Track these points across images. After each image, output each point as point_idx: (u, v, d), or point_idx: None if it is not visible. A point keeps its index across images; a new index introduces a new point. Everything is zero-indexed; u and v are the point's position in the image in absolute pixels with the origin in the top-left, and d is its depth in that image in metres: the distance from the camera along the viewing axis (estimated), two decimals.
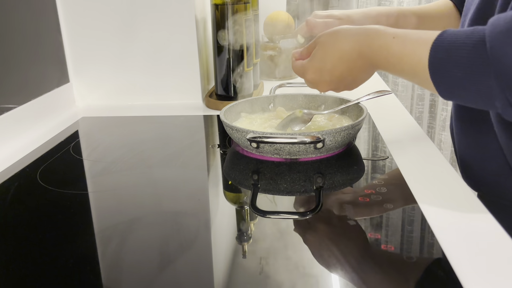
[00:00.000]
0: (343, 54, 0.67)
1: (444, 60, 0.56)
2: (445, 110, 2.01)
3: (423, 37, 0.58)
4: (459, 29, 0.56)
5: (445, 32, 0.57)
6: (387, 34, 0.63)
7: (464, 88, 0.55)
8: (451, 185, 0.65)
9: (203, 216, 0.61)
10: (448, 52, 0.55)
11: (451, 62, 0.55)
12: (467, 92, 0.55)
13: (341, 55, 0.67)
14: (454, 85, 0.56)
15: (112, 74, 1.10)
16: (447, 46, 0.55)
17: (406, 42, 0.60)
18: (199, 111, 1.05)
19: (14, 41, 0.88)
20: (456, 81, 0.55)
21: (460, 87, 0.56)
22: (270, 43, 1.31)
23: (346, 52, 0.67)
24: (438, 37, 0.57)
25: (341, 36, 0.68)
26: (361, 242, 0.53)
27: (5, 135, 0.84)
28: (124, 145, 0.87)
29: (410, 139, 0.83)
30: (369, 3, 2.02)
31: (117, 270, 0.50)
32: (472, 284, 0.45)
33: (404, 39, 0.61)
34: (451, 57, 0.55)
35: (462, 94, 0.57)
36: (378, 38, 0.64)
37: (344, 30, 0.68)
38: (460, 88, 0.56)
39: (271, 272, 0.48)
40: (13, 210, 0.63)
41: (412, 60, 0.59)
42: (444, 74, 0.56)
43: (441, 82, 0.57)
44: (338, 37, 0.68)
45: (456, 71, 0.55)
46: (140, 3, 1.04)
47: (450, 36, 0.56)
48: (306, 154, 0.72)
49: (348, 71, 0.68)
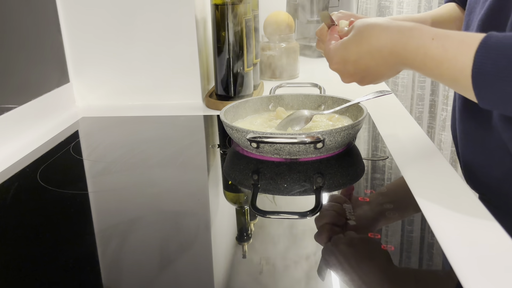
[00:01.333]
0: (372, 48, 0.63)
1: (491, 74, 0.51)
2: (445, 110, 2.01)
3: (466, 41, 0.54)
4: (504, 35, 0.52)
5: (489, 38, 0.52)
6: (425, 34, 0.58)
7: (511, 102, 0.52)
8: (451, 185, 0.65)
9: (203, 216, 0.61)
10: (495, 65, 0.51)
11: (500, 76, 0.51)
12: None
13: (370, 49, 0.63)
14: (501, 100, 0.53)
15: (112, 74, 1.10)
16: (494, 56, 0.51)
17: (447, 46, 0.55)
18: (199, 111, 1.05)
19: (14, 41, 0.88)
20: (504, 97, 0.52)
21: (507, 103, 0.52)
22: (270, 43, 1.31)
23: (376, 47, 0.63)
24: (482, 43, 0.52)
25: (377, 30, 0.63)
26: (361, 242, 0.53)
27: (5, 135, 0.84)
28: (124, 145, 0.87)
29: (410, 139, 0.83)
30: (369, 3, 2.02)
31: (117, 270, 0.50)
32: (472, 283, 0.45)
33: (445, 42, 0.56)
34: (500, 71, 0.51)
35: (508, 108, 0.54)
36: (415, 38, 0.59)
37: (380, 25, 0.63)
38: (506, 102, 0.53)
39: (271, 272, 0.48)
40: (13, 210, 0.63)
41: (454, 67, 0.55)
42: (491, 89, 0.52)
43: (485, 96, 0.54)
44: (373, 30, 0.64)
45: (505, 87, 0.51)
46: (140, 3, 1.04)
47: (496, 44, 0.51)
48: (306, 154, 0.72)
49: (376, 67, 0.64)
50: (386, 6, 2.00)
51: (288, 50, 1.30)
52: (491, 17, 0.65)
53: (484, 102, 0.55)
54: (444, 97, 2.00)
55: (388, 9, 2.00)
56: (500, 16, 0.63)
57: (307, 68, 1.42)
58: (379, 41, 0.62)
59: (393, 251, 0.50)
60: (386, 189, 0.66)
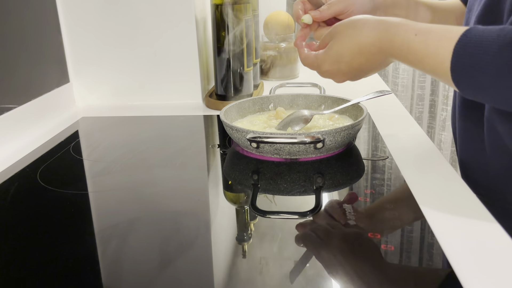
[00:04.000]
0: (362, 48, 0.65)
1: (467, 66, 0.53)
2: (445, 110, 2.01)
3: (447, 36, 0.55)
4: (484, 28, 0.53)
5: (470, 32, 0.53)
6: (409, 30, 0.60)
7: (490, 94, 0.54)
8: (451, 185, 0.65)
9: (203, 216, 0.61)
10: (471, 56, 0.52)
11: (475, 68, 0.52)
12: (492, 98, 0.54)
13: (361, 48, 0.65)
14: (479, 91, 0.54)
15: (112, 74, 1.10)
16: (472, 50, 0.52)
17: (428, 41, 0.57)
18: (199, 111, 1.05)
19: (14, 41, 0.88)
20: (481, 87, 0.53)
21: (486, 94, 0.54)
22: (270, 43, 1.31)
23: (366, 46, 0.64)
24: (461, 37, 0.54)
25: (360, 28, 0.65)
26: (361, 242, 0.53)
27: (5, 135, 0.84)
28: (124, 145, 0.87)
29: (410, 139, 0.83)
30: None
31: (117, 270, 0.50)
32: (472, 283, 0.45)
33: (427, 37, 0.57)
34: (475, 63, 0.52)
35: (487, 99, 0.56)
36: (399, 34, 0.61)
37: (362, 21, 0.65)
38: (486, 94, 0.54)
39: (271, 272, 0.48)
40: (13, 210, 0.63)
41: (434, 61, 0.56)
42: (468, 80, 0.54)
43: (464, 87, 0.55)
44: (357, 29, 0.65)
45: (481, 78, 0.52)
46: (140, 3, 1.04)
47: (475, 37, 0.53)
48: (306, 154, 0.72)
49: (367, 63, 0.66)
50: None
51: (288, 50, 1.30)
52: (486, 15, 0.66)
53: (465, 93, 0.56)
54: (444, 97, 2.00)
55: None
56: (495, 13, 0.64)
57: (307, 68, 1.42)
58: (368, 39, 0.64)
59: (393, 251, 0.50)
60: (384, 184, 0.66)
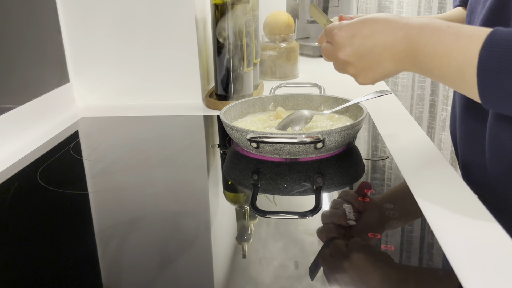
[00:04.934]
0: (387, 27, 0.62)
1: (493, 70, 0.51)
2: (445, 110, 2.01)
3: (478, 33, 0.54)
4: (510, 30, 0.52)
5: (495, 34, 0.53)
6: (441, 22, 0.58)
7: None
8: (451, 185, 0.65)
9: (203, 216, 0.61)
10: (498, 61, 0.51)
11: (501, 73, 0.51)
12: None
13: (385, 27, 0.62)
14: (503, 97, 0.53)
15: (112, 74, 1.10)
16: (497, 54, 0.51)
17: (460, 33, 0.55)
18: (199, 111, 1.05)
19: (14, 41, 0.88)
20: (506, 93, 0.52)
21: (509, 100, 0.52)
22: (270, 43, 1.31)
23: (392, 27, 0.62)
24: (488, 38, 0.52)
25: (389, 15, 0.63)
26: (361, 242, 0.53)
27: (5, 135, 0.84)
28: (124, 145, 0.87)
29: (410, 139, 0.83)
30: (369, 3, 2.02)
31: (117, 270, 0.50)
32: (472, 283, 0.45)
33: (459, 30, 0.56)
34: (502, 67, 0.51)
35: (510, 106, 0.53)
36: (430, 25, 0.58)
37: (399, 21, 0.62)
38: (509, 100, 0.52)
39: (271, 272, 0.48)
40: (13, 210, 0.63)
41: (463, 56, 0.54)
42: (492, 86, 0.52)
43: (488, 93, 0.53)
44: (386, 15, 0.63)
45: (506, 84, 0.51)
46: (140, 3, 1.04)
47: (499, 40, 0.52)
48: (306, 154, 0.72)
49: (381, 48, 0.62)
50: (386, 6, 2.00)
51: (288, 50, 1.30)
52: (493, 17, 0.65)
53: (486, 100, 0.54)
54: (444, 97, 2.00)
55: (388, 9, 2.00)
56: (501, 15, 0.64)
57: (307, 68, 1.42)
58: (396, 25, 0.61)
59: (393, 251, 0.50)
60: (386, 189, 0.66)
